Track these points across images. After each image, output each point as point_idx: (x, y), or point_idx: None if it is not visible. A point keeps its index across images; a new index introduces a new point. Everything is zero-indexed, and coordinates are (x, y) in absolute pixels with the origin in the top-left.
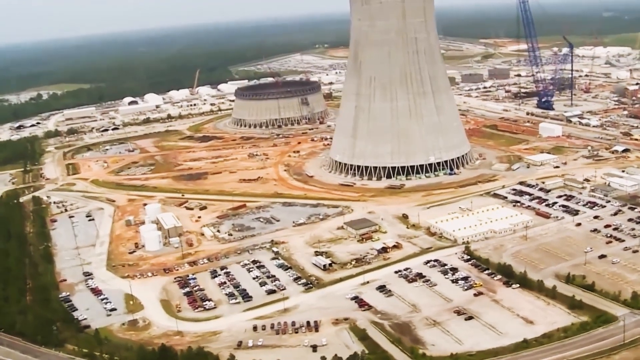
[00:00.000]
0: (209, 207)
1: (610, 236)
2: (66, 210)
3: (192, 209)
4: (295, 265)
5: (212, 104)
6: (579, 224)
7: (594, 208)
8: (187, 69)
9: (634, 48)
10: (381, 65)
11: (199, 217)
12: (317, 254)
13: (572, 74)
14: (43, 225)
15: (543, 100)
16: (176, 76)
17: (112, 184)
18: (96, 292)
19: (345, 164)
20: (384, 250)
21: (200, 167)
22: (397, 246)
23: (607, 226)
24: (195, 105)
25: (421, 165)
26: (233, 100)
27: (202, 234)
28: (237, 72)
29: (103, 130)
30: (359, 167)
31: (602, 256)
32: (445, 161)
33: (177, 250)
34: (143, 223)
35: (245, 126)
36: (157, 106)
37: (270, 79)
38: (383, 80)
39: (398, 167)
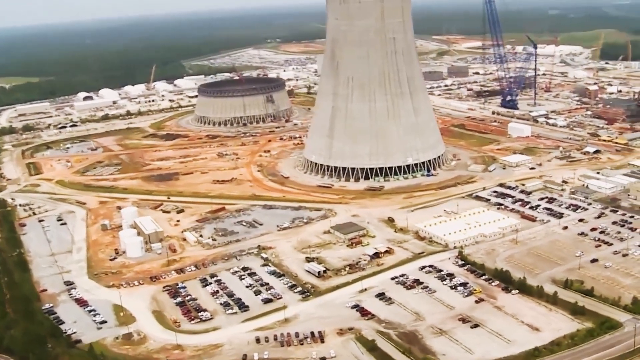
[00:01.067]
0: (186, 210)
1: (598, 239)
2: (34, 213)
3: (168, 212)
4: (288, 272)
5: (170, 100)
6: (565, 227)
7: (577, 211)
8: (139, 63)
9: (585, 47)
10: (359, 66)
11: (178, 220)
12: (308, 260)
13: (535, 73)
14: (12, 230)
15: (507, 99)
16: (129, 70)
17: (80, 185)
18: (81, 303)
19: (321, 165)
20: (377, 255)
21: (169, 167)
22: (389, 251)
23: (593, 229)
24: (153, 101)
25: (399, 167)
26: (192, 97)
27: (185, 239)
28: (191, 67)
29: (61, 127)
30: (335, 168)
31: (594, 260)
32: (423, 162)
33: (161, 257)
34: (120, 227)
35: (208, 124)
36: (114, 102)
37: (228, 75)
38: (361, 80)
39: (376, 168)
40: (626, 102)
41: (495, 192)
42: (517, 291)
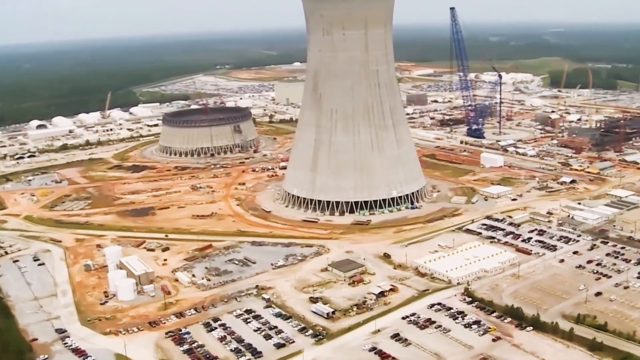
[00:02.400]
0: (172, 248)
1: (597, 272)
2: (6, 252)
3: (153, 250)
4: (294, 314)
5: (129, 129)
6: (562, 260)
7: (569, 243)
8: (90, 89)
9: (535, 74)
10: (343, 98)
11: (165, 260)
12: (312, 300)
13: (500, 101)
14: None
15: (473, 128)
16: (81, 97)
17: (50, 220)
18: (79, 353)
19: (304, 199)
20: (382, 294)
21: (142, 201)
22: (393, 289)
23: (589, 262)
24: (111, 130)
25: (383, 200)
26: (151, 125)
27: (177, 280)
28: (142, 94)
29: (18, 158)
30: (319, 201)
31: (598, 294)
32: (406, 195)
33: (155, 300)
34: (104, 268)
35: (174, 154)
36: (71, 131)
37: (183, 102)
38: (345, 112)
39: (361, 202)
40: (591, 131)
41: (484, 224)
42: (531, 328)
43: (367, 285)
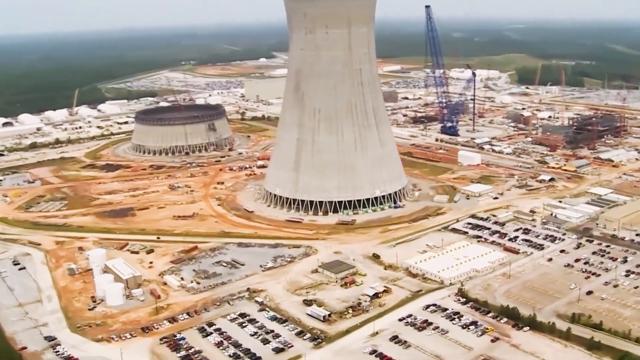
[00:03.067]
0: (156, 250)
1: (586, 271)
2: None
3: (137, 252)
4: (290, 317)
5: (99, 127)
6: (550, 259)
7: (555, 242)
8: (54, 86)
9: (502, 71)
10: (326, 97)
11: (151, 262)
12: (306, 302)
13: (474, 99)
14: None
15: (448, 126)
16: (46, 94)
17: (26, 222)
18: None
19: (287, 198)
20: (376, 295)
21: (120, 201)
22: (387, 291)
23: (577, 260)
24: (80, 128)
25: (367, 199)
26: (121, 123)
27: (165, 283)
28: (108, 90)
29: None
30: (303, 201)
31: (590, 292)
32: (389, 194)
33: (145, 304)
34: (88, 271)
35: (148, 153)
36: (38, 129)
37: (152, 99)
38: (328, 112)
39: (345, 202)
40: (564, 128)
41: (469, 224)
42: (528, 328)
43: (359, 287)
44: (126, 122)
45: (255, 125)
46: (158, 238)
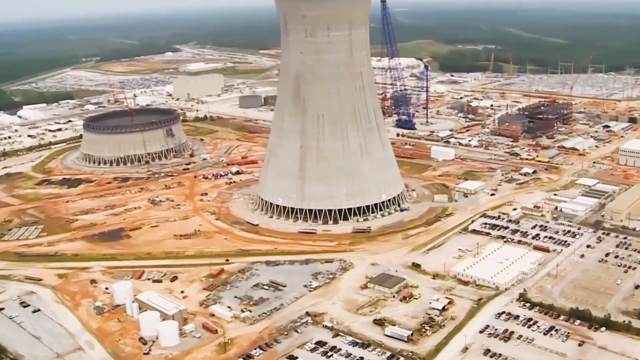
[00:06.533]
0: (179, 277)
1: (621, 265)
2: None
3: (160, 281)
4: (370, 341)
5: (30, 136)
6: (582, 256)
7: (576, 237)
8: None
9: (416, 58)
10: (330, 102)
11: (182, 291)
12: (376, 322)
13: (427, 90)
14: None
15: (403, 119)
16: None
17: (10, 254)
18: None
19: (292, 208)
20: (444, 309)
21: (104, 221)
22: (450, 302)
23: (607, 254)
24: (10, 138)
25: (374, 204)
26: (55, 130)
27: (212, 315)
28: (13, 93)
29: None
30: (310, 210)
31: (638, 287)
32: (393, 197)
33: (203, 341)
34: (117, 308)
35: (103, 163)
36: None
37: (72, 101)
38: (333, 117)
39: (354, 208)
40: (520, 118)
41: (485, 224)
42: (604, 328)
43: (419, 300)
44: (59, 130)
45: (201, 127)
46: (227, 260)
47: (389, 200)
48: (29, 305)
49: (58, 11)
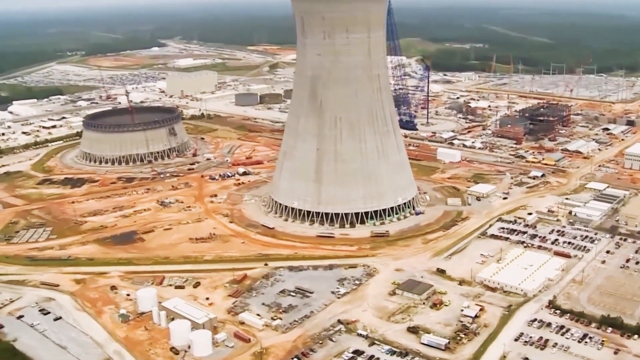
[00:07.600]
0: (202, 282)
1: None
2: None
3: (182, 287)
4: (408, 349)
5: (24, 133)
6: (603, 262)
7: (594, 242)
8: None
9: (408, 57)
10: (347, 105)
11: (207, 298)
12: (410, 330)
13: (427, 91)
14: None
15: (405, 120)
16: None
17: (20, 258)
18: None
19: (308, 211)
20: (476, 316)
21: (114, 224)
22: (482, 309)
23: (628, 260)
24: (3, 134)
25: (390, 208)
26: (49, 127)
27: (242, 323)
28: (0, 87)
29: None
30: (327, 214)
31: None
32: (408, 201)
33: (237, 351)
34: (142, 316)
35: (104, 162)
36: None
37: (63, 97)
38: (351, 120)
39: (370, 212)
40: (522, 120)
41: (503, 228)
42: (637, 336)
43: (449, 307)
44: (54, 127)
45: (200, 125)
46: (266, 265)
47: (404, 203)
48: (49, 313)
49: (29, 2)
